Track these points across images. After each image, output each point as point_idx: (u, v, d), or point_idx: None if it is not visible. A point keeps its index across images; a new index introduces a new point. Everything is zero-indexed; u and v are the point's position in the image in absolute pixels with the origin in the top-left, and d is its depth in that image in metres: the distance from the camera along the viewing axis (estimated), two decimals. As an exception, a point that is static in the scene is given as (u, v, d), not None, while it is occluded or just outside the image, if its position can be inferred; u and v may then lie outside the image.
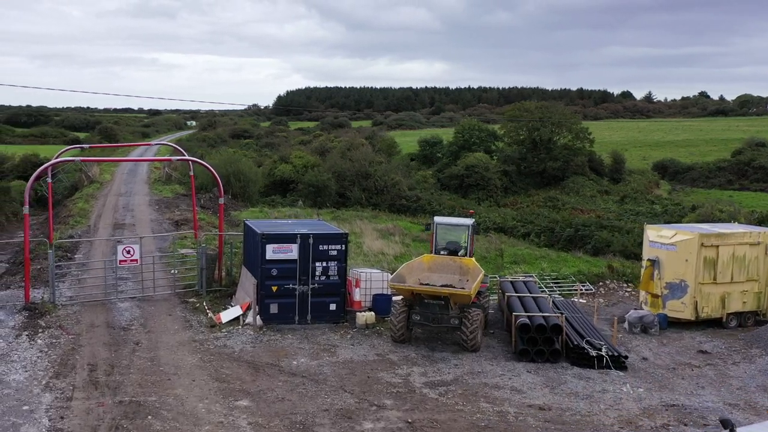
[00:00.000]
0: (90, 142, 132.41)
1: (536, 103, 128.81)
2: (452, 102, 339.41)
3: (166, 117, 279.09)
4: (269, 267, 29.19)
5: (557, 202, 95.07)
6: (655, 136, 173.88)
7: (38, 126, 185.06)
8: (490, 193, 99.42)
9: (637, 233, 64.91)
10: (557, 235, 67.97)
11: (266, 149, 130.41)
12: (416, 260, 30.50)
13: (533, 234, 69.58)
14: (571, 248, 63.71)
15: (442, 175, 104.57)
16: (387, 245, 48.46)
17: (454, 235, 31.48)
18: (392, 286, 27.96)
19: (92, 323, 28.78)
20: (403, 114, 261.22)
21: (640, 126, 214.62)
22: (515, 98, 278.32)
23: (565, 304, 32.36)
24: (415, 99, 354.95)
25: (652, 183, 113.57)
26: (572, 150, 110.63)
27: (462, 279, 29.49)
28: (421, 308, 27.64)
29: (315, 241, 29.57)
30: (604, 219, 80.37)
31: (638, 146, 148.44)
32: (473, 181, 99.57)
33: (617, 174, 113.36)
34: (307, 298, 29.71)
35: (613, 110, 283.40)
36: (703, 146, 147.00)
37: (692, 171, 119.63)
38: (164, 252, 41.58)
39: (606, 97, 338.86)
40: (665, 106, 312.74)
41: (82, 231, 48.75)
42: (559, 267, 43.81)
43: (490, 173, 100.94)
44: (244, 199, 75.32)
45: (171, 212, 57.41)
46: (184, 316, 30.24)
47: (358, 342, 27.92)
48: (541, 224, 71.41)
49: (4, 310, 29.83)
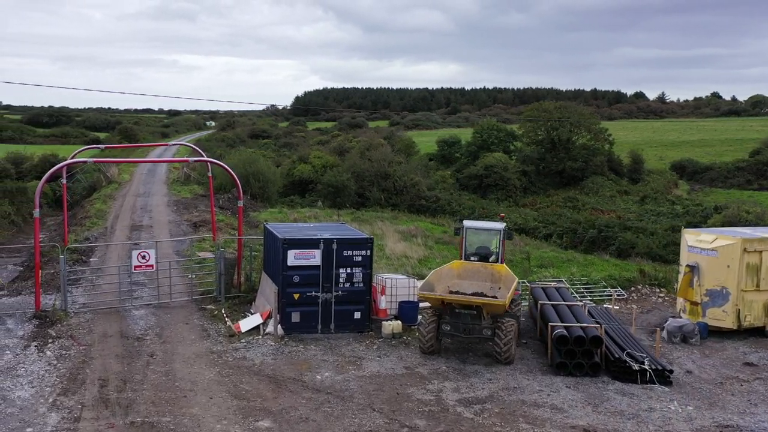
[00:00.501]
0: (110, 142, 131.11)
1: (555, 103, 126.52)
2: (467, 102, 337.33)
3: (185, 117, 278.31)
4: (291, 274, 27.18)
5: (577, 203, 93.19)
6: (670, 136, 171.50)
7: (59, 126, 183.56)
8: (509, 193, 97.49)
9: (662, 235, 62.97)
10: (580, 236, 65.97)
11: (284, 149, 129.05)
12: (445, 267, 28.43)
13: (555, 235, 67.58)
14: (595, 249, 61.69)
15: (460, 176, 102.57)
16: (410, 248, 46.46)
17: (485, 240, 29.45)
18: (421, 295, 25.91)
19: (105, 333, 26.88)
20: (419, 114, 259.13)
21: (654, 126, 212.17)
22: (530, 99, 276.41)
23: (600, 311, 30.30)
24: (431, 99, 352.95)
25: (671, 183, 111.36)
26: (591, 150, 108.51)
27: (493, 286, 27.48)
28: (451, 318, 25.62)
29: (339, 246, 27.58)
30: (625, 219, 78.51)
31: (654, 146, 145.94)
32: (492, 181, 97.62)
33: (636, 174, 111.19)
34: (331, 307, 27.71)
35: (627, 110, 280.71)
36: (718, 146, 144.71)
37: (710, 171, 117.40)
38: (182, 256, 39.68)
39: (619, 98, 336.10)
40: (678, 107, 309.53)
41: (98, 233, 46.92)
42: (589, 271, 41.62)
43: (509, 173, 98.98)
44: (263, 199, 73.52)
45: (189, 213, 55.56)
46: (202, 325, 28.28)
47: (385, 353, 25.90)
48: (564, 225, 69.44)
49: (14, 318, 27.98)
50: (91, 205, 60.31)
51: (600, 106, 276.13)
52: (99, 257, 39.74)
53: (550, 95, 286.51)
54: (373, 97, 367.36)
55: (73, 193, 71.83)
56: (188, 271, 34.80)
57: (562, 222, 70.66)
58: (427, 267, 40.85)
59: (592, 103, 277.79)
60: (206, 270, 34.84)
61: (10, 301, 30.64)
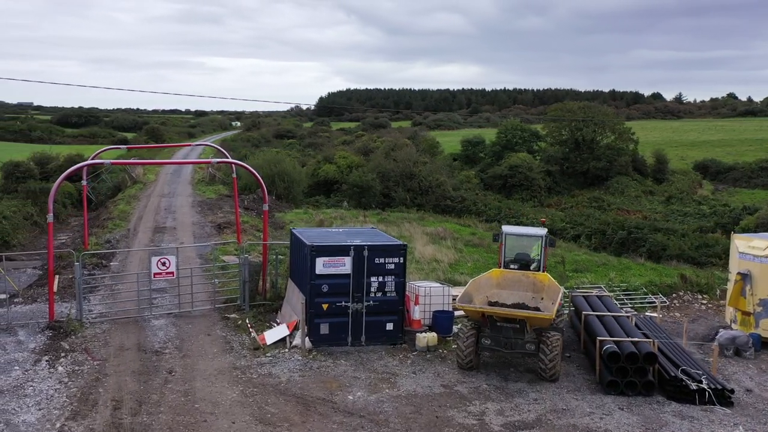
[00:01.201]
0: (137, 142, 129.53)
1: (578, 103, 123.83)
2: (488, 103, 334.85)
3: (211, 118, 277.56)
4: (319, 282, 24.79)
5: (602, 203, 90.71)
6: (689, 136, 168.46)
7: (88, 126, 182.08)
8: (533, 193, 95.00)
9: (693, 237, 60.34)
10: (609, 238, 63.49)
11: (309, 149, 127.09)
12: (484, 276, 25.93)
13: (584, 236, 65.08)
14: (624, 251, 59.25)
15: (485, 175, 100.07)
16: (439, 251, 44.09)
17: (525, 247, 26.97)
18: (460, 307, 23.45)
19: (122, 345, 24.58)
20: (441, 114, 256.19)
21: (673, 126, 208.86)
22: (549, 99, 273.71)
23: (646, 322, 27.77)
24: (452, 100, 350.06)
25: (695, 183, 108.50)
26: (615, 150, 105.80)
27: (536, 297, 25.02)
28: (492, 332, 23.18)
29: (370, 253, 25.18)
30: (652, 220, 75.94)
31: (674, 146, 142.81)
32: (517, 181, 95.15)
33: (660, 174, 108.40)
34: (362, 317, 25.31)
35: (645, 111, 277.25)
36: (738, 146, 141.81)
37: (734, 171, 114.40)
38: (205, 260, 37.40)
39: (637, 99, 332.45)
40: (695, 107, 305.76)
41: (120, 235, 44.75)
42: (627, 276, 39.06)
43: (533, 173, 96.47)
44: (288, 199, 71.32)
45: (214, 214, 53.34)
46: (225, 336, 25.94)
47: (420, 369, 23.45)
48: (592, 226, 66.89)
49: (26, 329, 25.78)
50: (115, 206, 58.19)
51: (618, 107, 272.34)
52: (120, 261, 37.51)
53: (569, 96, 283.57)
54: (395, 97, 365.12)
55: (97, 193, 69.85)
56: (211, 276, 32.47)
57: (590, 223, 68.07)
58: (459, 272, 38.52)
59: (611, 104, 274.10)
60: (230, 275, 32.50)
61: (25, 309, 28.47)
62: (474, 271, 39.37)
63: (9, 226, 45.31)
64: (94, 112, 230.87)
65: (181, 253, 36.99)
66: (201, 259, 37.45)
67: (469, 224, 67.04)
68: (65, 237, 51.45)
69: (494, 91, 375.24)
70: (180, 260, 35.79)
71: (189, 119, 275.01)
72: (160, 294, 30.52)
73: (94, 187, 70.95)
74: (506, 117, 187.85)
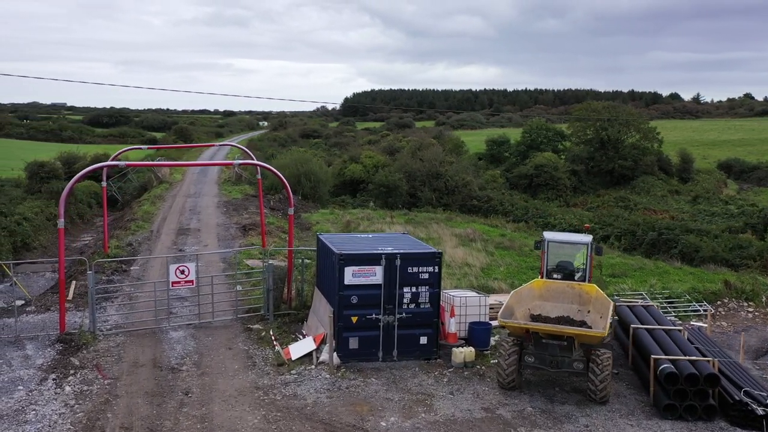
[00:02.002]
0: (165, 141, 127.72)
1: (603, 103, 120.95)
2: (509, 103, 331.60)
3: (239, 118, 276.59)
4: (348, 293, 22.30)
5: (629, 202, 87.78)
6: (709, 136, 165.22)
7: (118, 126, 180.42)
8: (559, 192, 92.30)
9: (726, 238, 57.51)
10: (639, 239, 60.69)
11: (335, 148, 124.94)
12: (526, 287, 23.28)
13: (613, 237, 62.30)
14: (655, 252, 56.53)
15: (510, 175, 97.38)
16: (470, 254, 41.54)
17: (568, 255, 24.40)
18: (503, 323, 20.87)
19: (136, 361, 22.17)
20: (464, 114, 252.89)
21: (692, 126, 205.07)
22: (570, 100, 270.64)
23: (697, 335, 25.13)
24: (474, 100, 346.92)
25: (720, 183, 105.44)
26: (640, 149, 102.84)
27: (581, 310, 22.44)
28: (536, 349, 20.63)
29: (403, 262, 22.64)
30: (678, 220, 73.15)
31: (695, 145, 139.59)
32: (542, 181, 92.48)
33: (685, 173, 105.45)
34: (393, 331, 22.78)
35: (664, 111, 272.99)
36: (759, 145, 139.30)
37: (758, 170, 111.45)
38: (228, 263, 35.00)
39: (656, 99, 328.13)
40: (713, 107, 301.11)
41: (143, 237, 42.44)
42: (666, 281, 36.31)
43: (559, 173, 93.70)
44: (315, 199, 68.97)
45: (239, 215, 50.98)
46: (247, 350, 23.47)
47: (458, 389, 20.88)
48: (621, 227, 64.05)
49: (36, 342, 23.44)
50: (139, 206, 55.93)
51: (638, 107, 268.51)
52: (140, 266, 35.12)
53: (589, 96, 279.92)
54: (418, 98, 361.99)
55: (123, 193, 67.84)
56: (234, 283, 30.04)
57: (619, 223, 65.23)
58: (492, 277, 35.97)
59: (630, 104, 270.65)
60: (254, 281, 30.07)
61: (36, 319, 26.15)
62: (507, 276, 36.86)
63: (30, 228, 43.15)
64: (124, 113, 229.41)
65: (203, 258, 34.73)
66: (224, 264, 35.05)
67: (497, 224, 64.42)
68: (90, 237, 49.40)
69: (515, 91, 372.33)
70: (202, 265, 33.51)
71: (217, 119, 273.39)
72: (180, 302, 28.14)
73: (121, 186, 68.96)
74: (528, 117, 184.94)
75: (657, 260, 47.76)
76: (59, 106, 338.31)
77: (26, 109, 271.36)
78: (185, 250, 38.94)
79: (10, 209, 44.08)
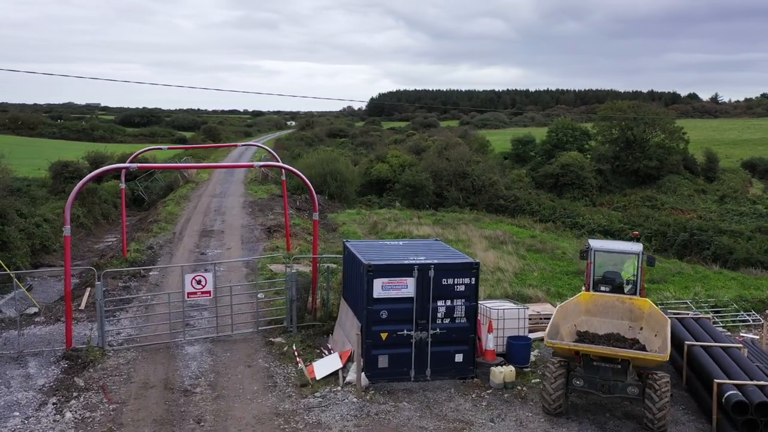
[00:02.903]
0: (194, 141, 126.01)
1: (629, 102, 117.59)
2: (531, 103, 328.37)
3: (267, 117, 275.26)
4: (377, 308, 19.73)
5: (656, 202, 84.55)
6: (730, 135, 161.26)
7: (149, 126, 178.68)
8: (585, 192, 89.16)
9: (761, 239, 54.54)
10: (669, 240, 57.79)
11: (361, 148, 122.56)
12: (572, 301, 20.53)
13: (643, 238, 59.37)
14: (686, 254, 53.69)
15: (536, 174, 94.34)
16: (501, 257, 38.85)
17: (616, 265, 21.71)
18: (551, 345, 18.22)
19: (146, 381, 19.67)
20: (487, 114, 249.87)
21: (712, 125, 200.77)
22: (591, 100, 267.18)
23: (755, 351, 22.43)
24: (497, 100, 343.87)
25: (746, 182, 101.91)
26: (666, 149, 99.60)
27: (633, 327, 19.76)
28: (585, 372, 17.99)
29: (437, 273, 20.05)
30: (707, 219, 70.08)
31: (716, 144, 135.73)
32: (568, 180, 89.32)
33: (711, 173, 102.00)
34: (426, 348, 20.19)
35: (683, 111, 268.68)
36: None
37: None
38: (251, 268, 32.50)
39: (675, 99, 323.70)
40: (730, 107, 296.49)
41: (164, 239, 40.03)
42: (711, 288, 33.46)
43: (585, 172, 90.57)
44: (341, 199, 66.53)
45: (264, 216, 48.54)
46: (267, 368, 20.92)
47: (499, 415, 18.24)
48: (652, 227, 61.13)
49: (39, 359, 21.02)
50: (164, 206, 53.62)
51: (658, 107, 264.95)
52: (159, 270, 32.68)
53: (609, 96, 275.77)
54: (443, 98, 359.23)
55: (150, 192, 65.66)
56: (256, 290, 27.47)
57: (649, 224, 62.34)
58: (527, 284, 33.28)
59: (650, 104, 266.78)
60: (277, 290, 27.54)
61: (43, 331, 23.75)
62: (542, 282, 34.16)
63: (50, 230, 40.80)
64: (156, 113, 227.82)
65: (224, 264, 32.30)
66: (247, 268, 32.54)
67: (524, 224, 61.68)
68: (114, 238, 47.25)
69: (537, 91, 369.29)
70: (224, 270, 31.05)
71: (246, 119, 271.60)
72: (199, 312, 25.66)
73: (147, 186, 66.83)
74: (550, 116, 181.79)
75: (695, 264, 44.94)
76: (93, 107, 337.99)
77: (61, 110, 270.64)
78: (207, 253, 36.52)
79: (31, 210, 41.79)
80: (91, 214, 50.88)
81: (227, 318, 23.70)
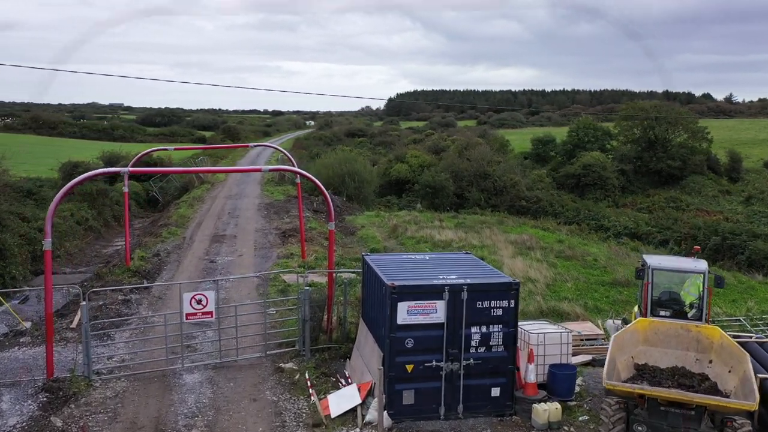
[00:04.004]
0: (214, 140, 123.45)
1: (650, 102, 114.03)
2: (547, 103, 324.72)
3: (287, 117, 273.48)
4: (402, 335, 16.61)
5: (680, 203, 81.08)
6: (747, 135, 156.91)
7: (169, 126, 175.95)
8: (607, 192, 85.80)
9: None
10: (700, 244, 54.21)
11: (380, 147, 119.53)
12: (628, 329, 17.31)
13: (672, 241, 56.08)
14: (718, 259, 50.23)
15: (557, 174, 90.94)
16: (530, 265, 35.47)
17: (675, 284, 18.51)
18: (611, 388, 15.00)
19: (134, 420, 16.54)
20: (504, 114, 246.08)
21: (728, 125, 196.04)
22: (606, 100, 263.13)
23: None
24: (514, 101, 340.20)
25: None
26: (689, 149, 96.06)
27: (700, 359, 16.55)
28: (650, 416, 14.81)
29: (470, 294, 16.92)
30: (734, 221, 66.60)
31: (734, 144, 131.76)
32: (590, 181, 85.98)
33: (734, 173, 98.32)
34: (459, 381, 17.05)
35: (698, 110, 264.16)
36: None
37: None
38: (262, 279, 29.37)
39: (690, 99, 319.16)
40: (744, 107, 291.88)
41: (173, 245, 36.97)
42: (760, 302, 30.13)
43: (607, 172, 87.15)
44: (359, 200, 63.34)
45: (280, 219, 45.46)
46: (276, 403, 17.77)
47: (545, 464, 15.13)
48: (681, 230, 57.65)
49: (16, 390, 17.94)
50: (176, 209, 50.59)
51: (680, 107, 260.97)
52: (165, 280, 29.61)
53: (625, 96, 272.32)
54: (460, 98, 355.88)
55: (164, 193, 62.77)
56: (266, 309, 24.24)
57: (678, 227, 58.89)
58: (561, 296, 30.00)
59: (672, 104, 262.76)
60: (289, 307, 24.41)
61: (28, 354, 20.70)
62: (577, 294, 30.82)
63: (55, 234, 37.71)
64: (177, 113, 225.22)
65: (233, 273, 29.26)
66: (258, 278, 29.40)
67: (548, 227, 58.31)
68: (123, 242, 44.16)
69: (553, 91, 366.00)
70: (231, 281, 28.01)
71: (266, 119, 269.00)
72: (201, 331, 22.55)
73: (162, 187, 63.96)
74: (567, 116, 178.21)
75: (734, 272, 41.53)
76: (116, 106, 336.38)
77: (85, 109, 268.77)
78: (217, 261, 33.47)
79: (34, 213, 38.81)
80: (102, 217, 47.90)
81: (232, 341, 20.59)
